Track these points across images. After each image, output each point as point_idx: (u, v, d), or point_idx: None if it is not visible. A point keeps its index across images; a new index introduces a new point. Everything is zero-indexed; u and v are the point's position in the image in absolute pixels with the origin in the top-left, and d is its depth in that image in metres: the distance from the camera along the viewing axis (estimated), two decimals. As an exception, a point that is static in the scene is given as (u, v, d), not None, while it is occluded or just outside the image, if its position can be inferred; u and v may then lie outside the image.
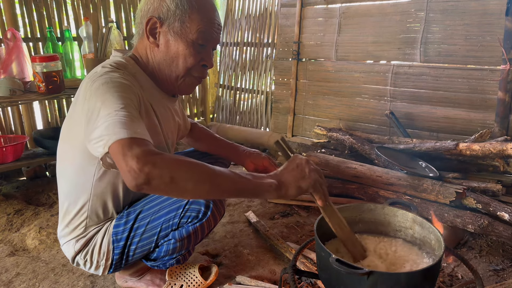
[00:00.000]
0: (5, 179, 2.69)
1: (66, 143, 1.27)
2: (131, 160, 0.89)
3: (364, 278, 1.00)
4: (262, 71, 3.49)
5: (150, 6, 1.18)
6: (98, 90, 1.05)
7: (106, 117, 0.97)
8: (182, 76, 1.24)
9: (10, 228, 2.06)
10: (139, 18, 1.22)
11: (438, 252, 1.15)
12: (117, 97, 1.02)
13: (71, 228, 1.33)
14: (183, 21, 1.17)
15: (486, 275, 1.62)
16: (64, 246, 1.37)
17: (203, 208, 1.23)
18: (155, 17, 1.17)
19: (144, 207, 1.29)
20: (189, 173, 0.94)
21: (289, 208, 2.25)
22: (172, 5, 1.16)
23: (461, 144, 1.99)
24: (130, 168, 0.89)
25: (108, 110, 0.99)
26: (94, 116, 1.01)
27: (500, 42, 2.12)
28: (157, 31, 1.19)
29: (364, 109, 2.78)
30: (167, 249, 1.32)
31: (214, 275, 1.56)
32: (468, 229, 1.74)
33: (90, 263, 1.34)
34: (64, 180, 1.31)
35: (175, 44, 1.19)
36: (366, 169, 2.16)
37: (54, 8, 2.82)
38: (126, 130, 0.94)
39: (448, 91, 2.40)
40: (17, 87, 2.32)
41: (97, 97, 1.04)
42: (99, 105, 1.01)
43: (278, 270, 1.65)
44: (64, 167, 1.30)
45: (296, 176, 1.05)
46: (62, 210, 1.35)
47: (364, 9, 2.69)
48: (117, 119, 0.96)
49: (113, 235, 1.30)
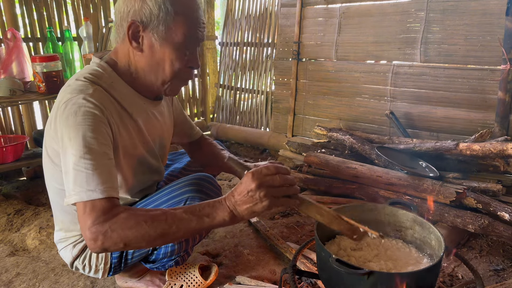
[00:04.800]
0: (5, 179, 2.69)
1: (45, 156, 1.23)
2: (87, 231, 0.94)
3: (364, 278, 1.00)
4: (262, 71, 3.49)
5: (130, 8, 1.08)
6: (67, 121, 1.02)
7: (72, 164, 0.99)
8: (169, 80, 1.18)
9: (10, 228, 2.06)
10: (119, 20, 1.12)
11: (438, 252, 1.15)
12: (82, 138, 0.99)
13: (67, 234, 1.32)
14: (168, 24, 1.09)
15: (486, 275, 1.62)
16: (62, 252, 1.37)
17: None
18: (137, 21, 1.08)
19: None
20: (140, 234, 0.95)
21: (289, 208, 2.25)
22: (155, 7, 1.07)
23: (461, 144, 1.99)
24: (86, 237, 0.95)
25: (74, 156, 0.99)
26: (63, 154, 1.03)
27: (500, 42, 2.11)
28: (140, 35, 1.10)
29: (364, 109, 2.78)
30: (165, 251, 1.32)
31: (214, 274, 1.55)
32: (469, 229, 1.74)
33: (89, 267, 1.34)
34: (52, 190, 1.28)
35: (160, 49, 1.12)
36: (366, 169, 2.16)
37: (54, 8, 2.82)
38: (85, 191, 0.96)
39: (448, 91, 2.40)
40: (17, 87, 2.32)
41: (65, 130, 1.02)
42: (66, 142, 1.01)
43: (278, 270, 1.65)
44: (48, 178, 1.26)
45: (248, 202, 0.96)
46: (57, 217, 1.34)
47: (364, 9, 2.69)
48: (80, 170, 0.97)
49: None
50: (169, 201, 1.25)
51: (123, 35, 1.12)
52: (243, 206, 0.97)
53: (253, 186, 0.95)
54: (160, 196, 1.28)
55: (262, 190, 0.95)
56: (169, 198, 1.26)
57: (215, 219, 0.98)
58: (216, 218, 0.98)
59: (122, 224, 0.95)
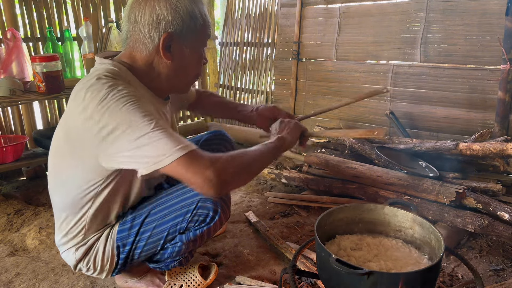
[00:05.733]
0: (5, 179, 2.69)
1: (65, 159, 1.22)
2: (206, 172, 1.00)
3: (364, 278, 1.00)
4: (262, 71, 3.49)
5: (161, 19, 1.10)
6: (114, 111, 1.03)
7: (146, 141, 1.00)
8: (193, 80, 1.28)
9: (10, 228, 2.06)
10: (146, 31, 1.12)
11: (438, 252, 1.15)
12: (141, 116, 1.02)
13: (69, 237, 1.32)
14: (196, 31, 1.16)
15: (486, 275, 1.62)
16: (64, 254, 1.37)
17: (211, 212, 1.25)
18: (172, 32, 1.11)
19: (151, 211, 1.29)
20: (242, 168, 1.11)
21: (289, 208, 2.25)
22: (187, 16, 1.12)
23: (461, 144, 1.99)
24: (206, 179, 0.99)
25: (141, 132, 1.00)
26: (122, 137, 1.02)
27: (500, 42, 2.11)
28: (170, 44, 1.14)
29: (364, 109, 2.78)
30: (172, 251, 1.33)
31: (213, 274, 1.55)
32: (468, 229, 1.74)
33: (93, 269, 1.35)
34: (61, 193, 1.28)
35: (189, 55, 1.18)
36: (366, 169, 2.16)
37: (54, 8, 2.82)
38: (178, 147, 1.00)
39: (448, 91, 2.40)
40: (17, 87, 2.32)
41: (116, 118, 1.02)
42: (124, 127, 1.01)
43: (278, 270, 1.65)
44: (62, 181, 1.26)
45: (287, 129, 1.34)
46: (59, 220, 1.33)
47: (364, 9, 2.69)
48: (160, 138, 1.00)
49: (118, 241, 1.30)
50: (180, 202, 1.26)
51: (152, 45, 1.13)
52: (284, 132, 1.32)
53: (286, 121, 1.39)
54: (171, 197, 1.28)
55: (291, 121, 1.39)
56: (180, 199, 1.26)
57: (272, 146, 1.24)
58: (272, 146, 1.24)
59: (230, 161, 1.06)
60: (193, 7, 1.13)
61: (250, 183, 2.64)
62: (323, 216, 1.29)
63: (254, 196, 2.44)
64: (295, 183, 2.45)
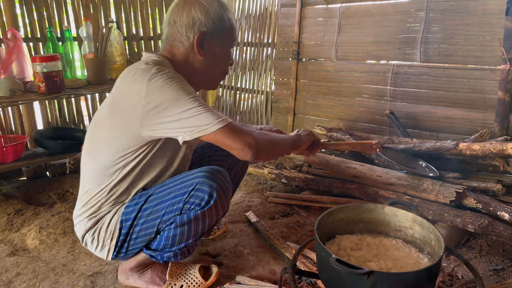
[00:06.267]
0: (5, 179, 2.69)
1: (104, 130, 1.35)
2: (248, 138, 1.21)
3: (364, 278, 1.00)
4: (262, 71, 3.49)
5: (196, 20, 1.30)
6: (163, 87, 1.19)
7: (192, 113, 1.18)
8: (221, 77, 1.47)
9: (10, 228, 2.06)
10: (183, 30, 1.32)
11: (438, 252, 1.16)
12: (187, 94, 1.20)
13: (86, 207, 1.40)
14: (225, 32, 1.36)
15: (486, 275, 1.62)
16: (77, 226, 1.44)
17: (207, 196, 1.29)
18: (204, 31, 1.31)
19: (156, 191, 1.36)
20: (272, 143, 1.35)
21: (289, 208, 2.25)
22: (218, 20, 1.32)
23: (461, 143, 1.99)
24: (248, 145, 1.20)
25: (186, 106, 1.18)
26: (170, 110, 1.18)
27: (500, 42, 2.12)
28: (203, 42, 1.33)
29: (364, 109, 2.78)
30: (167, 235, 1.34)
31: (214, 275, 1.56)
32: (468, 229, 1.75)
33: (97, 241, 1.40)
34: (93, 163, 1.38)
35: (219, 52, 1.38)
36: (366, 169, 2.16)
37: (54, 8, 2.82)
38: (220, 119, 1.19)
39: (448, 91, 2.40)
40: (17, 87, 2.32)
41: (164, 94, 1.18)
42: (171, 102, 1.18)
43: (278, 270, 1.65)
44: (97, 151, 1.37)
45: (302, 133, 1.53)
46: (83, 191, 1.42)
47: (364, 9, 2.69)
48: (203, 111, 1.18)
49: (123, 215, 1.36)
50: (180, 184, 1.32)
51: (188, 42, 1.33)
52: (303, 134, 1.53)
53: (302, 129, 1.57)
54: (175, 179, 1.36)
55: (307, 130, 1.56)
56: (181, 181, 1.33)
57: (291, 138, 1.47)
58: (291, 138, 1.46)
59: (259, 134, 1.28)
60: (222, 12, 1.33)
61: (250, 183, 2.64)
62: (323, 216, 1.29)
63: (254, 196, 2.44)
64: (295, 183, 2.45)
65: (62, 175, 2.72)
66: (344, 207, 1.38)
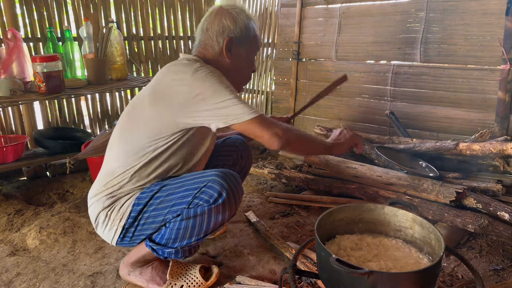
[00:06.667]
0: (5, 179, 2.69)
1: (143, 111, 1.43)
2: (276, 129, 1.32)
3: (364, 278, 1.00)
4: (262, 71, 3.49)
5: (225, 28, 1.45)
6: (205, 79, 1.31)
7: (226, 102, 1.29)
8: (246, 80, 1.61)
9: (10, 228, 2.06)
10: (214, 36, 1.46)
11: (438, 252, 1.16)
12: (225, 87, 1.32)
13: (107, 186, 1.45)
14: (250, 40, 1.51)
15: (486, 275, 1.62)
16: (93, 205, 1.47)
17: (216, 194, 1.32)
18: (232, 37, 1.45)
19: (170, 182, 1.41)
20: (300, 138, 1.45)
21: (289, 208, 2.25)
22: (244, 28, 1.47)
23: (461, 144, 1.99)
24: (276, 134, 1.31)
25: (225, 97, 1.29)
26: (210, 99, 1.29)
27: (500, 42, 2.12)
28: (231, 47, 1.47)
29: (364, 109, 2.78)
30: (172, 227, 1.37)
31: (215, 276, 1.56)
32: (468, 229, 1.75)
33: (108, 220, 1.43)
34: (124, 145, 1.44)
35: (244, 57, 1.52)
36: (366, 169, 2.16)
37: (54, 8, 2.82)
38: (254, 111, 1.30)
39: (448, 91, 2.40)
40: (17, 87, 2.32)
41: (206, 85, 1.30)
42: (211, 92, 1.30)
43: (278, 270, 1.65)
44: (130, 133, 1.45)
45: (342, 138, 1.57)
46: (106, 170, 1.47)
47: (364, 9, 2.69)
48: (238, 103, 1.29)
49: (136, 199, 1.41)
50: (194, 179, 1.37)
51: (218, 47, 1.47)
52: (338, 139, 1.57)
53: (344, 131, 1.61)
54: (190, 175, 1.41)
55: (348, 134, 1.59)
56: (195, 177, 1.38)
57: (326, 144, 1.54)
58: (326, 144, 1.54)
59: (289, 128, 1.39)
60: (249, 22, 1.48)
61: (250, 183, 2.64)
62: (323, 216, 1.29)
63: (254, 196, 2.44)
64: (295, 183, 2.45)
65: (62, 175, 2.72)
66: (344, 207, 1.38)
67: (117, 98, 3.26)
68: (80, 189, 2.55)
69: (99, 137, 2.32)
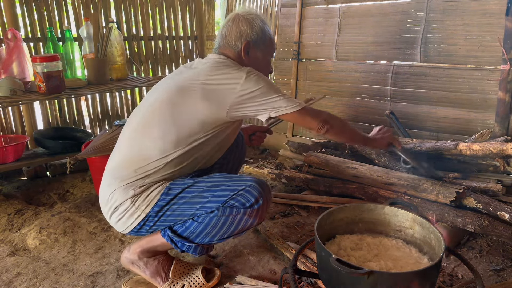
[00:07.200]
0: (5, 179, 2.69)
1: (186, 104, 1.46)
2: (324, 116, 1.51)
3: (364, 278, 1.00)
4: (262, 71, 3.48)
5: (243, 32, 1.56)
6: (259, 79, 1.44)
7: (277, 96, 1.44)
8: None
9: (10, 228, 2.07)
10: (233, 39, 1.57)
11: (438, 252, 1.16)
12: (273, 85, 1.49)
13: (140, 172, 1.44)
14: (266, 42, 1.61)
15: (486, 275, 1.62)
16: (119, 191, 1.44)
17: (253, 199, 1.36)
18: (249, 41, 1.56)
19: (205, 179, 1.45)
20: (344, 127, 1.63)
21: (289, 208, 2.25)
22: (260, 32, 1.58)
23: (461, 144, 1.99)
24: (324, 121, 1.50)
25: (275, 93, 1.45)
26: (263, 95, 1.43)
27: (500, 42, 2.12)
28: (248, 50, 1.58)
29: (364, 109, 2.78)
30: (202, 221, 1.39)
31: (216, 278, 1.58)
32: (468, 229, 1.75)
33: (131, 207, 1.42)
34: (169, 132, 1.45)
35: (261, 59, 1.62)
36: (366, 169, 2.16)
37: (54, 8, 2.82)
38: (300, 102, 1.47)
39: (448, 91, 2.40)
40: (17, 87, 2.32)
41: (260, 83, 1.43)
42: (265, 89, 1.43)
43: (278, 270, 1.65)
44: (174, 119, 1.46)
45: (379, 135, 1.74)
46: (140, 156, 1.46)
47: (364, 9, 2.69)
48: (287, 98, 1.46)
49: (166, 189, 1.43)
50: (232, 181, 1.42)
51: (236, 50, 1.57)
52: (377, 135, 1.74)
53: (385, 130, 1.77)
54: (225, 176, 1.48)
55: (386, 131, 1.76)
56: (232, 179, 1.44)
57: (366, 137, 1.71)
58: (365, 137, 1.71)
59: (332, 115, 1.56)
60: (264, 26, 1.60)
61: (251, 183, 2.64)
62: (323, 216, 1.29)
63: (254, 196, 2.44)
64: (295, 183, 2.45)
65: (63, 175, 2.72)
66: (344, 207, 1.38)
67: (117, 98, 3.26)
68: (80, 189, 2.55)
69: (99, 137, 2.32)
